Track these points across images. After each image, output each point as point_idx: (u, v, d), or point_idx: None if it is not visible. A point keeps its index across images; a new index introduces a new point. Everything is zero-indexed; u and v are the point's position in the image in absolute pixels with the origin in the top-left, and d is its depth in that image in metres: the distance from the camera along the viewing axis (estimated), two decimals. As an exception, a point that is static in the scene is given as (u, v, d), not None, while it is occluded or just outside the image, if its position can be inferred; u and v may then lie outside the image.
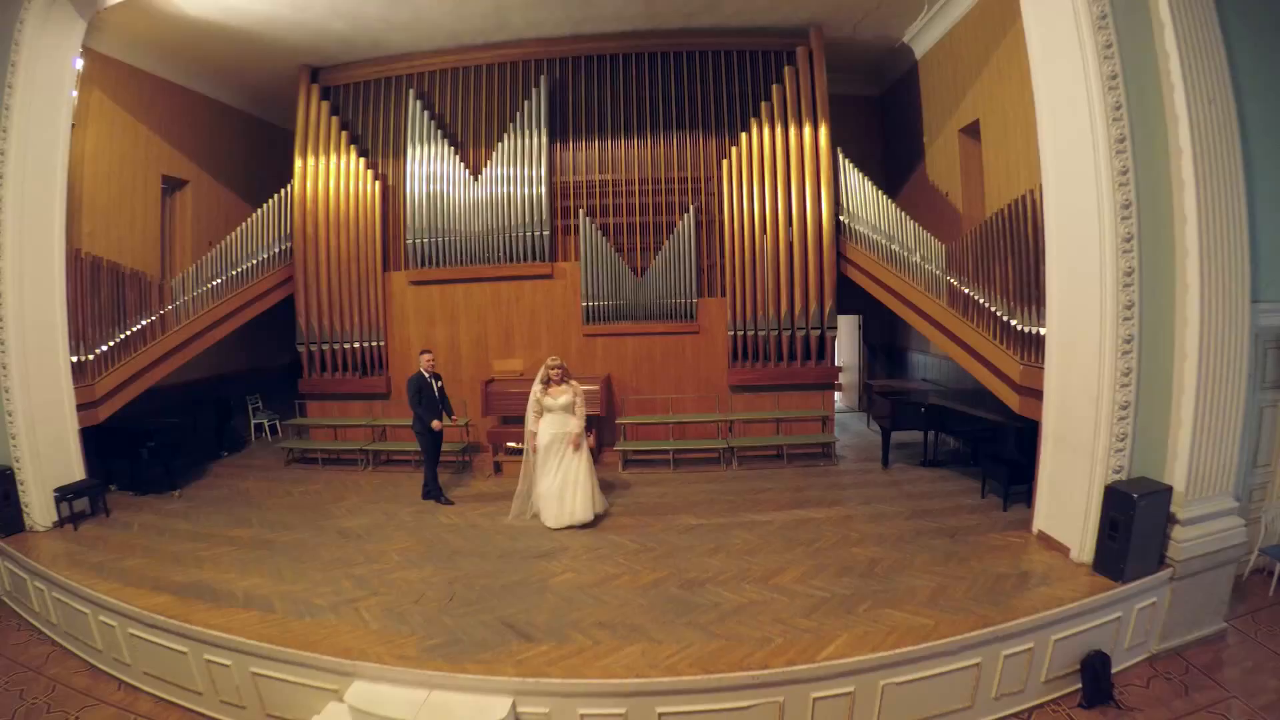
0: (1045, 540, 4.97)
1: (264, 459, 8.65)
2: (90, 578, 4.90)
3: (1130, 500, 4.24)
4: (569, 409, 5.81)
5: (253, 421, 9.81)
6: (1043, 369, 5.02)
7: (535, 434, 5.83)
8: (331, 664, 3.77)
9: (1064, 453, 4.79)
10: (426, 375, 6.41)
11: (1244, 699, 3.97)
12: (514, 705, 3.45)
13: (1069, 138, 4.62)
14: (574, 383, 5.99)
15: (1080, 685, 4.09)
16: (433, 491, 6.52)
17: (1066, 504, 4.75)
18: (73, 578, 4.92)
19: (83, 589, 4.74)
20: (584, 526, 5.69)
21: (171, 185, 9.17)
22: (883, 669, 3.57)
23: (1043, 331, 5.03)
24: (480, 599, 4.42)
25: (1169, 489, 4.44)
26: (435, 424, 6.37)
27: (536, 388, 5.90)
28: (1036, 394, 5.09)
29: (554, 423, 5.79)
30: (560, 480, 5.70)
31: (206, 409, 8.76)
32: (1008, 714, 3.94)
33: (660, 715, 3.43)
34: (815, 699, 3.52)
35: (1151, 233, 4.43)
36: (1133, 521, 4.23)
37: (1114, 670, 4.19)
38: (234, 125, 10.14)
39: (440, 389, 6.50)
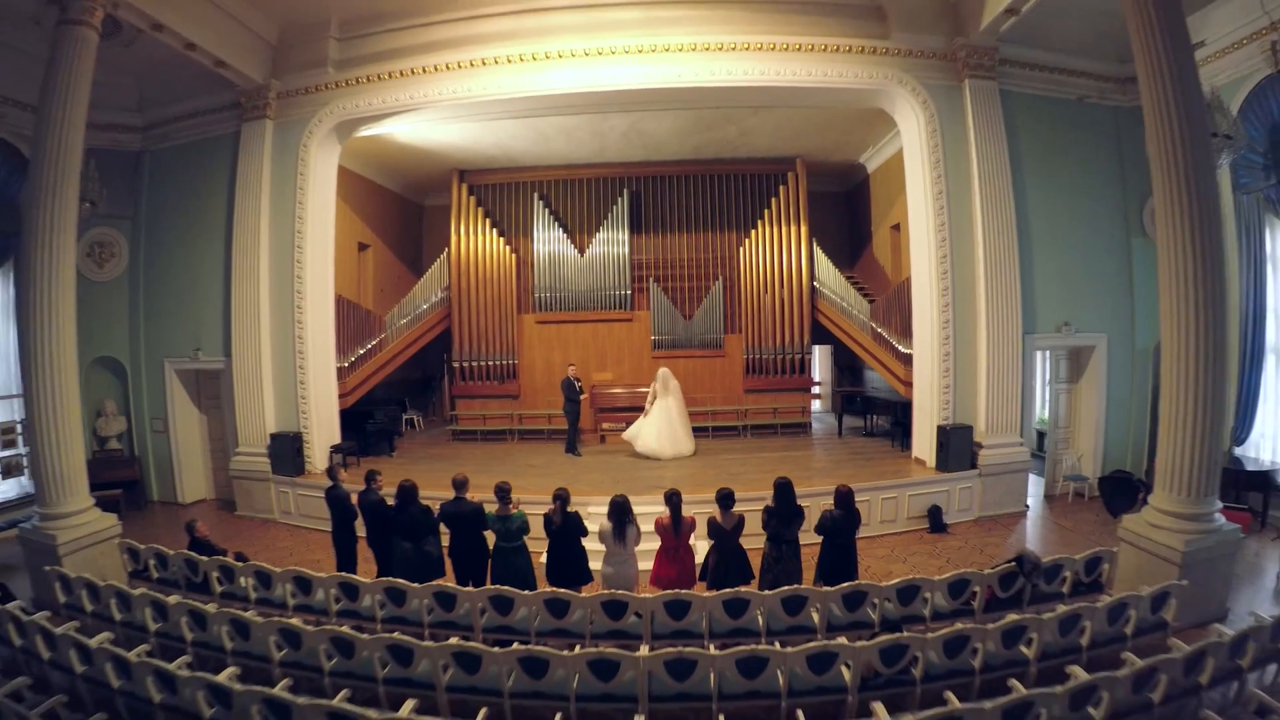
0: (917, 461, 10.19)
1: (429, 438, 13.69)
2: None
3: (946, 431, 9.48)
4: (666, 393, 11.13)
5: (404, 416, 14.84)
6: (913, 371, 10.35)
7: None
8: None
9: (921, 413, 10.09)
10: (571, 378, 11.55)
11: (1021, 536, 9.03)
12: (664, 510, 8.54)
13: (921, 251, 10.00)
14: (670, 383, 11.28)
15: (928, 524, 9.27)
16: (572, 449, 11.55)
17: (923, 438, 10.01)
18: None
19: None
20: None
21: (360, 248, 14.36)
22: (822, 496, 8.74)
23: (912, 351, 10.39)
24: (634, 479, 9.53)
25: (970, 427, 9.68)
26: (582, 397, 11.52)
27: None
28: (911, 385, 10.42)
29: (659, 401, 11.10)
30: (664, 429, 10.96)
31: (390, 405, 13.82)
32: (889, 533, 9.04)
33: (729, 512, 8.55)
34: (795, 507, 8.68)
35: (961, 300, 9.70)
36: (949, 441, 9.47)
37: (948, 521, 9.35)
38: (393, 203, 15.41)
39: (579, 386, 11.64)
